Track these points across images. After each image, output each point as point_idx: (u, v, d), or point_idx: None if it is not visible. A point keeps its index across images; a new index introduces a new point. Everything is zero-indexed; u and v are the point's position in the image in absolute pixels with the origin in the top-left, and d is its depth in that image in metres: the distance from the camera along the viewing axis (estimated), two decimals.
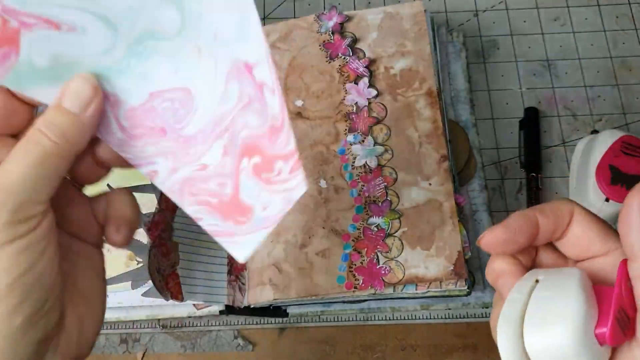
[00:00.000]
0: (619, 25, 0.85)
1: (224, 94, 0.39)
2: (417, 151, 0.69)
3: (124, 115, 0.40)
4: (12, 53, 0.37)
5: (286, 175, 0.40)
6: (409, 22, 0.74)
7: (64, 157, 0.37)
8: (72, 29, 0.37)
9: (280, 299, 0.67)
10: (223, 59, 0.38)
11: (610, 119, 0.80)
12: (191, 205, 0.42)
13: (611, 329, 0.35)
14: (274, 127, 0.38)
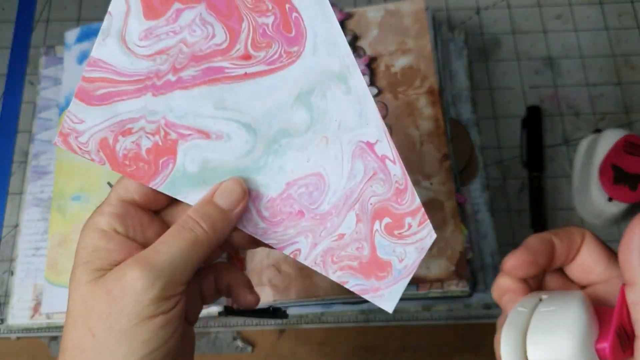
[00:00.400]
0: (622, 23, 0.85)
1: (351, 172, 0.46)
2: (418, 150, 0.68)
3: (264, 206, 0.47)
4: (170, 161, 0.45)
5: (416, 228, 0.46)
6: (410, 19, 0.73)
7: (209, 246, 0.42)
8: (220, 137, 0.45)
9: (280, 300, 0.66)
10: (347, 142, 0.45)
11: (613, 117, 0.80)
12: (335, 272, 0.48)
13: (611, 344, 0.36)
14: (399, 190, 0.45)
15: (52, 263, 0.70)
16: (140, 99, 0.45)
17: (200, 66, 0.44)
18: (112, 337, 0.39)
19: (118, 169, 0.45)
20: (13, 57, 0.83)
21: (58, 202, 0.72)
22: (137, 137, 0.45)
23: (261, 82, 0.45)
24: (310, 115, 0.45)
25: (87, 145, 0.45)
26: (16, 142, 0.79)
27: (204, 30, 0.44)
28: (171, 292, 0.40)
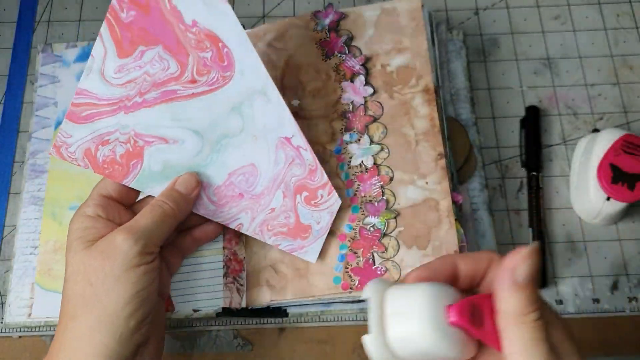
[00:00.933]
0: (620, 23, 0.85)
1: (276, 160, 0.64)
2: (414, 149, 0.68)
3: (212, 192, 0.65)
4: (139, 163, 0.62)
5: (326, 197, 0.65)
6: (406, 17, 0.73)
7: (174, 219, 0.60)
8: (176, 141, 0.62)
9: (277, 300, 0.66)
10: (271, 139, 0.63)
11: (611, 117, 0.80)
12: (270, 238, 0.66)
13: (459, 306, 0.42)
14: (312, 170, 0.64)
15: (45, 269, 0.70)
16: (115, 116, 0.61)
17: (159, 90, 0.61)
18: (107, 283, 0.53)
19: (99, 171, 0.62)
20: (14, 58, 0.84)
21: (52, 209, 0.72)
22: (113, 145, 0.62)
23: (205, 99, 0.61)
24: (242, 120, 0.62)
25: (74, 154, 0.62)
26: (17, 142, 0.79)
27: (161, 64, 0.60)
28: (149, 249, 0.55)
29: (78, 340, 0.52)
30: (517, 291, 0.42)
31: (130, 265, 0.53)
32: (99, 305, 0.52)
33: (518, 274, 0.42)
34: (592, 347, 0.70)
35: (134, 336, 0.53)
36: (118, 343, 0.52)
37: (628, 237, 0.74)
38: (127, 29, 0.58)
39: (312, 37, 0.75)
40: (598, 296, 0.72)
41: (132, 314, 0.53)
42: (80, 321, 0.53)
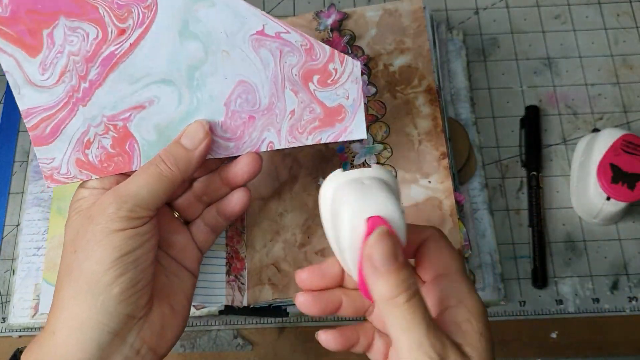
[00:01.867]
0: (620, 23, 0.85)
1: (263, 62, 0.54)
2: (417, 149, 0.68)
3: (222, 130, 0.56)
4: (133, 142, 0.55)
5: (341, 67, 0.55)
6: (408, 18, 0.73)
7: (172, 181, 0.52)
8: (152, 101, 0.54)
9: (279, 299, 0.66)
10: (242, 42, 0.53)
11: (611, 117, 0.80)
12: (307, 138, 0.57)
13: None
14: (307, 50, 0.54)
15: (51, 264, 0.70)
16: (77, 115, 0.54)
17: (96, 62, 0.52)
18: (89, 247, 0.48)
19: (102, 174, 0.55)
20: None
21: (58, 204, 0.72)
22: (97, 142, 0.55)
23: (145, 43, 0.52)
24: (199, 41, 0.53)
25: (69, 173, 0.56)
26: (18, 142, 0.79)
27: (77, 35, 0.51)
28: (137, 214, 0.50)
29: (59, 311, 0.48)
30: (379, 278, 0.41)
31: (113, 229, 0.48)
32: (79, 272, 0.49)
33: (375, 260, 0.41)
34: (592, 347, 0.70)
35: (119, 305, 0.48)
36: (100, 312, 0.47)
37: (628, 236, 0.74)
38: (16, 22, 0.50)
39: (315, 37, 0.75)
40: (598, 296, 0.72)
41: (114, 280, 0.48)
42: (63, 291, 0.49)
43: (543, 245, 0.73)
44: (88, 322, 0.47)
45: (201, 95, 0.55)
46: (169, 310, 0.53)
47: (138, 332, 0.50)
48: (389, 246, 0.41)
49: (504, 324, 0.71)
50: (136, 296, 0.49)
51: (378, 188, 0.45)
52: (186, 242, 0.58)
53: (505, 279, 0.73)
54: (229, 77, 0.54)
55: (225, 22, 0.52)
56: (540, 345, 0.70)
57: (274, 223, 0.69)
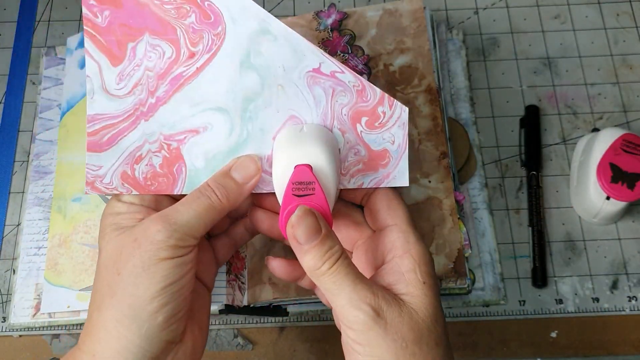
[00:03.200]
0: (620, 22, 0.85)
1: (315, 100, 0.54)
2: (417, 148, 0.68)
3: (267, 164, 0.55)
4: (182, 165, 0.55)
5: (389, 111, 0.55)
6: (408, 18, 0.73)
7: (221, 212, 0.52)
8: (205, 128, 0.54)
9: (279, 298, 0.66)
10: (298, 78, 0.53)
11: (611, 117, 0.80)
12: (349, 182, 0.56)
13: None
14: (359, 91, 0.54)
15: (52, 263, 0.70)
16: (137, 128, 0.54)
17: (166, 81, 0.54)
18: (135, 273, 0.48)
19: (144, 191, 0.55)
20: (15, 57, 0.84)
21: (58, 203, 0.73)
22: (148, 159, 0.55)
23: (210, 69, 0.54)
24: (257, 74, 0.54)
25: (111, 184, 0.55)
26: (18, 142, 0.79)
27: (156, 52, 0.53)
28: (185, 243, 0.49)
29: (102, 333, 0.48)
30: (304, 254, 0.46)
31: (162, 257, 0.48)
32: (125, 296, 0.48)
33: (299, 238, 0.46)
34: (592, 346, 0.71)
35: (161, 333, 0.49)
36: (144, 339, 0.48)
37: (628, 236, 0.75)
38: (109, 32, 0.53)
39: (315, 37, 0.75)
40: (598, 295, 0.72)
41: (159, 309, 0.48)
42: (105, 312, 0.48)
43: (543, 244, 0.73)
44: (131, 348, 0.48)
45: (252, 128, 0.55)
46: (198, 331, 0.54)
47: (174, 356, 0.51)
48: (310, 223, 0.46)
49: (503, 323, 0.71)
50: (177, 324, 0.50)
51: (314, 137, 0.49)
52: (209, 258, 0.58)
53: (505, 279, 0.73)
54: (281, 112, 0.54)
55: (285, 57, 0.53)
56: (540, 344, 0.70)
57: None
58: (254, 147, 0.55)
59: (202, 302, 0.56)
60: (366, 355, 0.45)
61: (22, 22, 0.86)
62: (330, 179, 0.48)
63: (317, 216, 0.47)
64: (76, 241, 0.71)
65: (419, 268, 0.48)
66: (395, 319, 0.46)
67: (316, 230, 0.46)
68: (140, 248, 0.48)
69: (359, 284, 0.46)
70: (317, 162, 0.48)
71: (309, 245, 0.46)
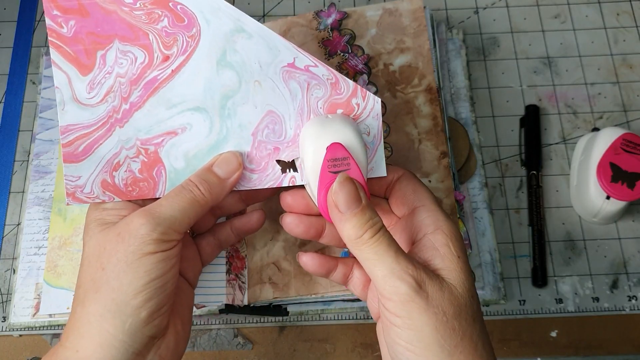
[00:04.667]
0: (620, 22, 0.85)
1: (291, 94, 0.55)
2: (417, 148, 0.68)
3: (247, 161, 0.56)
4: (161, 168, 0.56)
5: (363, 103, 0.55)
6: (408, 18, 0.73)
7: (204, 207, 0.52)
8: (184, 129, 0.55)
9: (279, 298, 0.66)
10: (274, 74, 0.54)
11: (611, 116, 0.80)
12: None
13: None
14: (333, 84, 0.55)
15: (52, 265, 0.70)
16: (112, 136, 0.55)
17: (139, 85, 0.54)
18: (119, 268, 0.48)
19: (125, 197, 0.55)
20: (15, 57, 0.84)
21: (58, 205, 0.73)
22: (126, 165, 0.55)
23: (186, 70, 0.54)
24: (234, 71, 0.55)
25: (92, 193, 0.55)
26: (18, 141, 0.79)
27: (127, 58, 0.54)
28: (169, 237, 0.49)
29: (85, 327, 0.48)
30: (345, 222, 0.46)
31: (146, 252, 0.48)
32: (108, 291, 0.48)
33: (340, 206, 0.47)
34: (591, 346, 0.71)
35: (145, 328, 0.49)
36: (127, 334, 0.48)
37: (628, 235, 0.75)
38: (76, 42, 0.53)
39: (315, 36, 0.75)
40: (598, 295, 0.72)
41: (143, 304, 0.48)
42: (88, 307, 0.49)
43: (543, 244, 0.73)
44: (114, 343, 0.48)
45: (231, 124, 0.56)
46: (181, 326, 0.54)
47: (156, 351, 0.51)
48: (351, 191, 0.47)
49: (503, 323, 0.71)
50: (160, 319, 0.50)
51: (339, 120, 0.51)
52: (193, 255, 0.59)
53: (505, 278, 0.73)
54: (259, 107, 0.55)
55: (260, 53, 0.54)
56: (540, 344, 0.71)
57: (274, 222, 0.69)
58: (234, 144, 0.56)
59: (186, 299, 0.57)
60: (405, 328, 0.45)
61: (22, 22, 0.86)
62: (361, 154, 0.50)
63: (357, 185, 0.47)
64: (76, 243, 0.71)
65: (452, 243, 0.48)
66: (436, 292, 0.45)
67: (356, 198, 0.47)
68: (124, 242, 0.49)
69: (400, 255, 0.45)
70: (347, 139, 0.50)
71: (350, 212, 0.46)
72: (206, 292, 0.66)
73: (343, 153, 0.49)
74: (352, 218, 0.46)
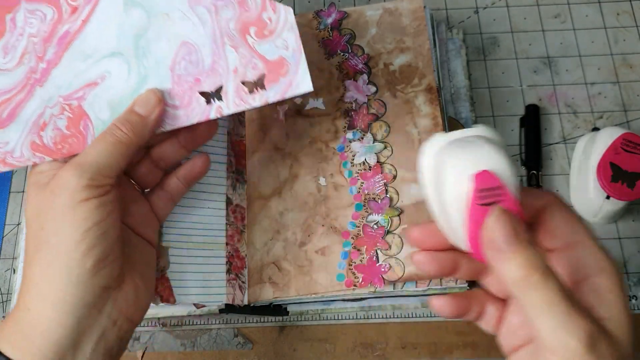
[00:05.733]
0: (620, 22, 0.85)
1: (200, 19, 0.54)
2: (417, 148, 0.68)
3: (169, 98, 0.55)
4: (87, 121, 0.55)
5: (275, 16, 0.54)
6: (408, 18, 0.73)
7: (129, 146, 0.52)
8: (103, 77, 0.55)
9: (280, 297, 0.66)
10: (180, 3, 0.54)
11: (611, 116, 0.80)
12: (254, 100, 0.56)
13: None
14: (240, 1, 0.54)
15: None
16: (34, 97, 0.55)
17: (52, 42, 0.54)
18: (56, 222, 0.48)
19: (57, 156, 0.55)
20: None
21: None
22: (52, 123, 0.55)
23: (95, 18, 0.54)
24: (142, 8, 0.55)
25: (22, 157, 0.55)
26: None
27: (36, 17, 0.54)
28: (98, 182, 0.49)
29: (34, 286, 0.48)
30: (506, 260, 0.39)
31: (78, 200, 0.48)
32: (50, 247, 0.48)
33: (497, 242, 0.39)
34: None
35: (93, 278, 0.48)
36: (75, 286, 0.47)
37: (628, 235, 0.75)
38: None
39: (315, 36, 0.75)
40: None
41: (86, 253, 0.48)
42: (34, 267, 0.49)
43: None
44: (64, 297, 0.47)
45: (147, 63, 0.55)
46: (141, 281, 0.54)
47: (114, 304, 0.50)
48: (509, 224, 0.39)
49: None
50: (109, 268, 0.50)
51: (483, 143, 0.42)
52: (146, 211, 0.59)
53: None
54: (172, 40, 0.55)
55: None
56: None
57: (274, 222, 0.69)
58: (154, 83, 0.55)
59: (145, 257, 0.57)
60: None
61: None
62: (514, 181, 0.41)
63: (515, 219, 0.40)
64: None
65: (618, 289, 0.42)
66: (606, 349, 0.39)
67: (516, 231, 0.39)
68: (57, 197, 0.49)
69: (573, 305, 0.38)
70: (496, 164, 0.41)
71: (510, 248, 0.39)
72: (206, 291, 0.66)
73: (495, 182, 0.41)
74: (514, 255, 0.39)
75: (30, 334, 0.47)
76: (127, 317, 0.52)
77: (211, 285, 0.66)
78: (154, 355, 0.71)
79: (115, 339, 0.51)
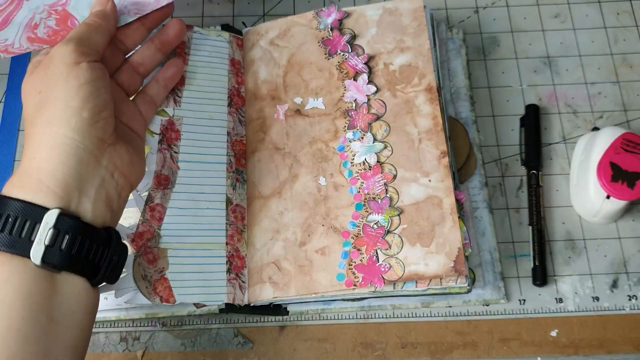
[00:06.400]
0: (620, 21, 0.85)
1: None
2: (417, 148, 0.68)
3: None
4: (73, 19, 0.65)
5: None
6: (408, 17, 0.73)
7: (101, 27, 0.60)
8: None
9: (279, 297, 0.66)
10: None
11: (611, 116, 0.80)
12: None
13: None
14: None
15: None
16: (23, 8, 0.66)
17: None
18: (52, 83, 0.54)
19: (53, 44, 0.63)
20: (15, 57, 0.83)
21: None
22: (42, 24, 0.65)
23: None
24: None
25: (22, 47, 0.64)
26: (18, 141, 0.79)
27: None
28: (85, 49, 0.56)
29: (37, 138, 0.53)
30: None
31: (70, 63, 0.54)
32: (49, 103, 0.54)
33: None
34: (592, 345, 0.70)
35: (91, 128, 0.54)
36: (74, 132, 0.53)
37: (628, 235, 0.75)
38: None
39: (315, 36, 0.75)
40: (598, 294, 0.72)
41: (82, 105, 0.54)
42: (36, 124, 0.54)
43: (543, 243, 0.73)
44: (65, 141, 0.53)
45: None
46: (133, 150, 0.60)
47: (110, 158, 0.56)
48: None
49: (504, 322, 0.71)
50: (103, 122, 0.55)
51: None
52: (133, 109, 0.65)
53: (505, 278, 0.73)
54: None
55: None
56: (540, 343, 0.70)
57: (274, 222, 0.69)
58: None
59: (134, 142, 0.62)
60: None
61: None
62: None
63: None
64: None
65: None
66: None
67: None
68: (50, 66, 0.55)
69: None
70: None
71: None
72: (206, 291, 0.66)
73: None
74: None
75: (39, 176, 0.52)
76: (123, 173, 0.57)
77: (211, 285, 0.66)
78: (154, 355, 0.71)
79: (114, 193, 0.56)
